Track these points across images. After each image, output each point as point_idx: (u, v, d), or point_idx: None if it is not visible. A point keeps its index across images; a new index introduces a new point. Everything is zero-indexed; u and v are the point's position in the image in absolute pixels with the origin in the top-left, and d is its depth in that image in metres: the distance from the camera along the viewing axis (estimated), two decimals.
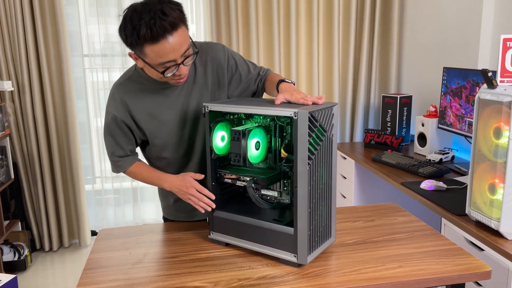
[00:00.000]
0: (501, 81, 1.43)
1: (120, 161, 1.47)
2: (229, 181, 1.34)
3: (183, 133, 1.45)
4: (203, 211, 1.36)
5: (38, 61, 2.97)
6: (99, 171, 3.42)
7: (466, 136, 2.26)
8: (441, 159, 2.36)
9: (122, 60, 3.21)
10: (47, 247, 3.21)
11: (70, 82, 3.02)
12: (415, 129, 2.64)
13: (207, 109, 1.30)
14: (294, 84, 1.39)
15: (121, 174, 3.30)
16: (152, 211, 3.50)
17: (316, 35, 3.13)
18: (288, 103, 1.26)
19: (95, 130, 3.34)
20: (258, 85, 1.54)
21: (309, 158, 1.17)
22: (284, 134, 1.32)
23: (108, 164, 3.47)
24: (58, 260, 3.12)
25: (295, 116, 1.14)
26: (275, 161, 1.35)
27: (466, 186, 1.93)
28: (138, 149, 1.54)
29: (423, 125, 2.57)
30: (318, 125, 1.20)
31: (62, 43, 2.94)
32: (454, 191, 1.90)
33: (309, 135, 1.16)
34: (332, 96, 3.24)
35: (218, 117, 1.34)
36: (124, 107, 1.40)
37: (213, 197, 1.35)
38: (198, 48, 1.35)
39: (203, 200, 1.35)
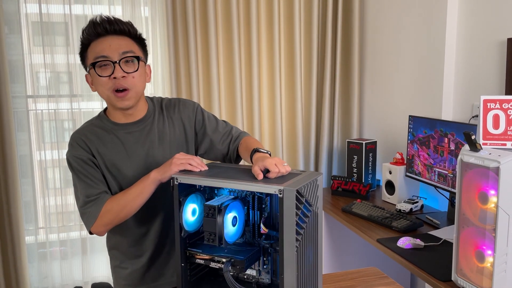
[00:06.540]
0: (483, 144, 1.39)
1: (91, 206, 1.28)
2: (202, 261, 1.18)
3: None
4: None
5: None
6: (42, 218, 3.08)
7: (436, 187, 2.23)
8: (411, 209, 2.31)
9: (70, 92, 2.96)
10: None
11: (10, 112, 2.73)
12: (382, 176, 2.59)
13: (177, 181, 1.14)
14: (269, 154, 1.26)
15: (70, 220, 3.01)
16: (103, 265, 3.18)
17: (278, 78, 3.06)
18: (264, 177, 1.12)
19: (37, 165, 3.01)
20: (229, 147, 1.41)
21: (296, 240, 1.03)
22: (263, 206, 1.18)
23: (53, 201, 3.15)
24: None
25: (280, 194, 1.01)
26: (253, 236, 1.20)
27: (443, 241, 1.87)
28: None
29: (390, 172, 2.53)
30: (304, 201, 1.07)
31: (1, 73, 2.67)
32: (432, 248, 1.82)
33: (296, 214, 1.03)
34: (295, 141, 3.16)
35: (188, 188, 1.18)
36: (86, 148, 1.32)
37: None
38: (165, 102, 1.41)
39: (191, 161, 1.20)
